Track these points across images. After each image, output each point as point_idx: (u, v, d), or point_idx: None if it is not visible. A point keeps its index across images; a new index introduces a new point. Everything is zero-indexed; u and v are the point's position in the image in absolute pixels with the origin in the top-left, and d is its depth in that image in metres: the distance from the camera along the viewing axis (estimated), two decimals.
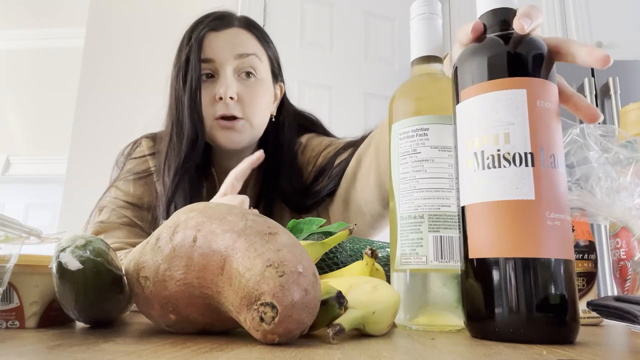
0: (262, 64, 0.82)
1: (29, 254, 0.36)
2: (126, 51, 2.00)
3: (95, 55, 2.01)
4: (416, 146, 0.43)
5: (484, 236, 0.34)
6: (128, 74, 1.97)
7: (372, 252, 0.44)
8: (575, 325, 0.32)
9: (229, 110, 0.78)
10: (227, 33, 0.80)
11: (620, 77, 1.85)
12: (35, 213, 2.97)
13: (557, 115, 0.35)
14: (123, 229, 0.81)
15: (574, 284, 0.33)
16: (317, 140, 0.91)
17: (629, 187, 0.45)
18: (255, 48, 0.82)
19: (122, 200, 0.83)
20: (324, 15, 2.14)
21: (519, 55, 0.35)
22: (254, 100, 0.80)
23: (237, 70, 0.80)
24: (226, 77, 0.78)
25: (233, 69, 0.79)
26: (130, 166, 0.87)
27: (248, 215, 0.32)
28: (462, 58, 0.38)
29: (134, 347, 0.27)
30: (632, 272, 0.48)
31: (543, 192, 0.33)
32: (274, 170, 0.85)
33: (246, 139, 0.81)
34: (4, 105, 3.04)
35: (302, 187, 0.86)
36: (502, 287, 0.32)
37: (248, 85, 0.80)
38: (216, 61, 0.78)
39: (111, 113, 1.93)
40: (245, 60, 0.79)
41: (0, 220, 0.31)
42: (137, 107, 1.88)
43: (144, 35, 2.01)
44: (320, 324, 0.32)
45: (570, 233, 0.34)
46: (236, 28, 0.82)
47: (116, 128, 1.88)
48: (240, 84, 0.79)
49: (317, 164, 0.87)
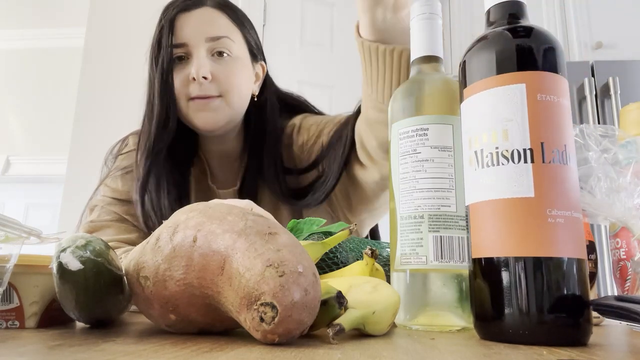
0: (236, 44, 0.81)
1: (29, 254, 0.36)
2: (126, 51, 2.00)
3: (95, 55, 2.01)
4: (416, 146, 0.43)
5: (486, 235, 0.34)
6: (128, 74, 1.96)
7: (372, 252, 0.44)
8: (587, 326, 0.32)
9: (203, 90, 0.77)
10: (198, 13, 0.79)
11: (620, 77, 1.85)
12: (35, 213, 2.97)
13: (563, 107, 0.34)
14: (113, 227, 0.81)
15: (584, 283, 0.32)
16: (312, 119, 0.88)
17: (628, 187, 0.45)
18: (227, 29, 0.80)
19: (110, 197, 0.83)
20: (324, 15, 2.14)
21: (519, 49, 0.35)
22: (229, 77, 0.78)
23: (210, 51, 0.79)
24: (199, 58, 0.77)
25: (206, 50, 0.78)
26: (117, 163, 0.87)
27: (248, 215, 0.32)
28: (467, 56, 0.38)
29: (133, 347, 0.27)
30: (632, 272, 0.48)
31: (544, 189, 0.32)
32: (258, 152, 0.84)
33: (223, 118, 0.79)
34: (4, 105, 3.04)
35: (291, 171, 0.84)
36: (505, 287, 0.32)
37: (221, 64, 0.78)
38: (188, 45, 0.78)
39: (111, 113, 1.93)
40: (217, 43, 0.78)
41: (0, 220, 0.31)
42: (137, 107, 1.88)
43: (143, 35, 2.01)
44: (320, 324, 0.32)
45: (579, 230, 0.33)
46: (207, 7, 0.81)
47: (116, 128, 1.87)
48: (214, 62, 0.78)
49: (317, 143, 0.83)
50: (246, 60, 0.83)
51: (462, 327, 0.40)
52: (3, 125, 3.04)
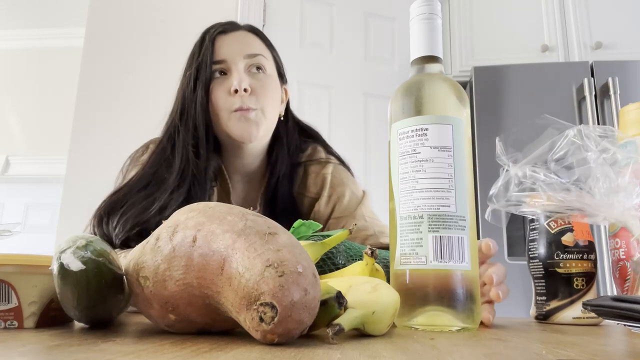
0: (269, 62, 0.87)
1: (27, 254, 0.36)
2: (126, 51, 2.00)
3: (94, 56, 2.01)
4: (416, 146, 0.43)
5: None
6: (128, 74, 1.96)
7: (372, 252, 0.44)
8: None
9: (245, 103, 0.81)
10: (235, 35, 0.86)
11: (619, 78, 1.85)
12: (35, 213, 2.97)
13: None
14: None
15: None
16: (341, 185, 0.91)
17: (627, 187, 0.45)
18: (261, 49, 0.87)
19: None
20: (324, 15, 2.14)
21: None
22: (265, 91, 0.83)
23: (247, 66, 0.84)
24: (239, 72, 0.82)
25: (244, 66, 0.83)
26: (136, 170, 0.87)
27: (248, 215, 0.32)
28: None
29: (133, 347, 0.27)
30: (631, 272, 0.48)
31: None
32: (278, 174, 0.87)
33: (260, 131, 0.83)
34: (4, 105, 3.04)
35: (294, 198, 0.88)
36: None
37: (258, 79, 0.84)
38: (227, 60, 0.82)
39: (111, 113, 1.93)
40: (254, 59, 0.84)
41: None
42: (136, 107, 1.88)
43: (143, 35, 2.01)
44: (320, 324, 0.32)
45: None
46: (243, 31, 0.88)
47: (116, 128, 1.88)
48: (252, 77, 0.83)
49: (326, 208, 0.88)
50: (276, 78, 0.89)
51: (461, 327, 0.40)
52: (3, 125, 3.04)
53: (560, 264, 0.52)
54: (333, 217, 0.87)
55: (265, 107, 0.83)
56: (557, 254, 0.52)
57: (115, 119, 1.91)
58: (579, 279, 0.51)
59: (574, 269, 0.51)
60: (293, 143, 0.91)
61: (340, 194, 0.88)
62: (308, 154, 0.93)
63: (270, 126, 0.86)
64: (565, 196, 0.46)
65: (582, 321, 0.51)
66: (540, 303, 0.53)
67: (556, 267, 0.52)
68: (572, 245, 0.52)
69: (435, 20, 0.47)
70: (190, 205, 0.35)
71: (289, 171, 0.88)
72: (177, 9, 2.00)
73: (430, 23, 0.47)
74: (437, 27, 0.47)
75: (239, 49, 0.83)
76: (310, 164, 0.91)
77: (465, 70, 2.17)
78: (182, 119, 0.82)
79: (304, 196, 0.89)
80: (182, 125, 0.81)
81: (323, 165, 0.91)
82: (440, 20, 0.48)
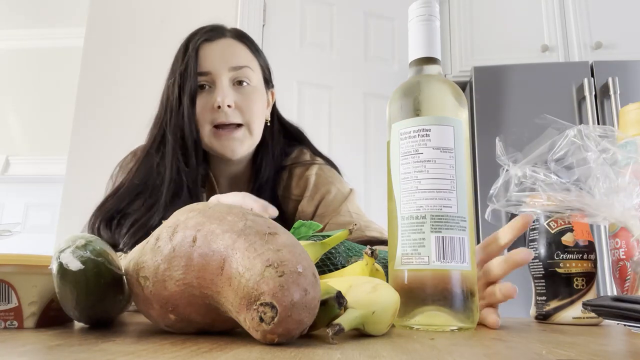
0: (255, 73, 0.85)
1: (27, 254, 0.36)
2: (126, 51, 2.00)
3: (94, 56, 2.01)
4: (418, 146, 0.43)
5: None
6: (127, 74, 1.96)
7: (372, 252, 0.44)
8: None
9: (228, 118, 0.80)
10: (220, 43, 0.84)
11: (619, 78, 1.85)
12: (35, 213, 2.97)
13: None
14: None
15: None
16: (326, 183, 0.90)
17: (627, 187, 0.45)
18: (247, 59, 0.85)
19: None
20: (324, 15, 2.14)
21: None
22: (250, 107, 0.82)
23: (232, 80, 0.82)
24: (223, 87, 0.80)
25: (228, 79, 0.82)
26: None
27: (248, 215, 0.32)
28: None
29: (133, 347, 0.27)
30: (631, 272, 0.48)
31: None
32: (263, 178, 0.87)
33: (246, 147, 0.83)
34: (4, 105, 3.04)
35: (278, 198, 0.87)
36: None
37: (243, 93, 0.82)
38: (212, 73, 0.81)
39: (111, 113, 1.93)
40: (239, 72, 0.82)
41: None
42: (136, 107, 1.88)
43: (143, 35, 2.01)
44: (320, 324, 0.32)
45: None
46: (228, 39, 0.85)
47: (116, 128, 1.88)
48: (236, 92, 0.82)
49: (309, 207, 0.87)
50: (262, 89, 0.87)
51: (461, 327, 0.40)
52: (3, 125, 3.04)
53: (560, 264, 0.52)
54: (317, 215, 0.87)
55: (251, 122, 0.82)
56: (557, 254, 0.52)
57: (115, 119, 1.91)
58: (579, 279, 0.51)
59: (574, 269, 0.51)
60: (278, 147, 0.91)
61: (325, 192, 0.88)
62: (293, 157, 0.92)
63: (255, 139, 0.85)
64: (565, 196, 0.46)
65: (582, 321, 0.51)
66: (540, 303, 0.53)
67: (556, 267, 0.52)
68: (572, 245, 0.52)
69: (433, 21, 0.47)
70: (190, 205, 0.35)
71: (273, 175, 0.88)
72: (177, 9, 2.00)
73: (428, 24, 0.47)
74: (435, 29, 0.47)
75: (224, 61, 0.81)
76: (295, 166, 0.91)
77: (465, 70, 2.17)
78: (169, 127, 0.81)
79: (289, 199, 0.89)
80: (170, 134, 0.80)
81: (307, 167, 0.90)
82: (438, 21, 0.48)
